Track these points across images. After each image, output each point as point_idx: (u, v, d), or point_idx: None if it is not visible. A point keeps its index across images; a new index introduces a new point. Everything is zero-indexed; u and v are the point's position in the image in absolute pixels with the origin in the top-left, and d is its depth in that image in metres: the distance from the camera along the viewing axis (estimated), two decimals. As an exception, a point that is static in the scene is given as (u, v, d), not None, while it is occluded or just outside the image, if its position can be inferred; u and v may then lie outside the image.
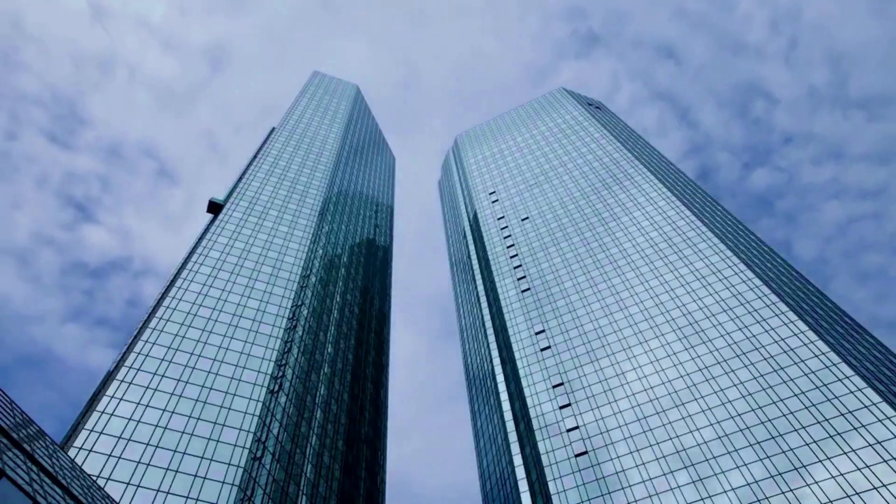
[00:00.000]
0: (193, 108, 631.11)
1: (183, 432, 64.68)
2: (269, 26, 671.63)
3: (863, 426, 63.76)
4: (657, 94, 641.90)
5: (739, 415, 71.34)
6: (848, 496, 58.55)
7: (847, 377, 69.19)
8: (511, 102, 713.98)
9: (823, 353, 73.22)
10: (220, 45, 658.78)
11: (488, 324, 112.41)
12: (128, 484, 56.96)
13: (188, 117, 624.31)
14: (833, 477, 60.73)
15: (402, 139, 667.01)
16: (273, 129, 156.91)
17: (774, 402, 70.60)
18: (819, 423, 66.22)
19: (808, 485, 61.17)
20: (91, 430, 60.76)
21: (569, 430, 79.98)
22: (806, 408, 68.35)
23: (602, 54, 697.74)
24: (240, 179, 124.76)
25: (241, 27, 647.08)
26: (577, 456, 76.19)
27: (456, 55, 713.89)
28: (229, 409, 69.82)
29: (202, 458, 62.72)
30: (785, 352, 75.86)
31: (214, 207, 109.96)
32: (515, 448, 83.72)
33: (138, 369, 70.02)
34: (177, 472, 60.27)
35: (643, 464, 71.52)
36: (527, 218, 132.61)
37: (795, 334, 77.36)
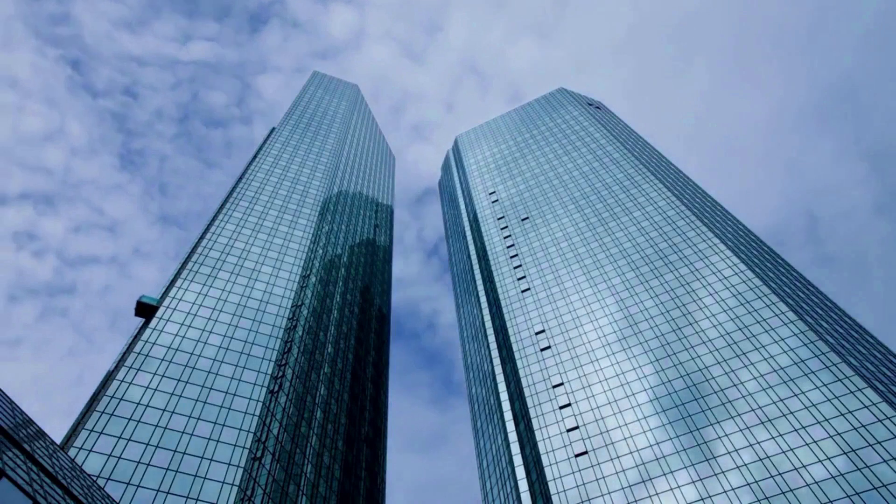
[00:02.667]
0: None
1: (183, 432, 64.69)
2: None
3: (863, 426, 63.76)
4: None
5: (740, 415, 71.34)
6: (848, 496, 58.56)
7: (847, 377, 69.19)
8: (511, 102, 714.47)
9: (823, 353, 73.22)
10: None
11: (488, 324, 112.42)
12: (128, 484, 56.97)
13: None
14: (833, 477, 60.74)
15: (402, 139, 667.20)
16: (273, 129, 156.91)
17: (774, 403, 70.60)
18: (819, 423, 66.22)
19: (808, 485, 61.18)
20: (91, 430, 60.77)
21: (569, 430, 79.99)
22: (806, 408, 68.35)
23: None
24: (240, 179, 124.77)
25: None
26: (577, 456, 76.20)
27: (457, 55, 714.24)
28: (229, 409, 69.83)
29: (202, 458, 62.73)
30: (785, 352, 75.85)
31: (144, 309, 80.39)
32: (515, 448, 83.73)
33: (138, 369, 70.03)
34: (177, 472, 60.27)
35: (643, 464, 71.53)
36: (527, 218, 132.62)
37: (795, 334, 77.36)
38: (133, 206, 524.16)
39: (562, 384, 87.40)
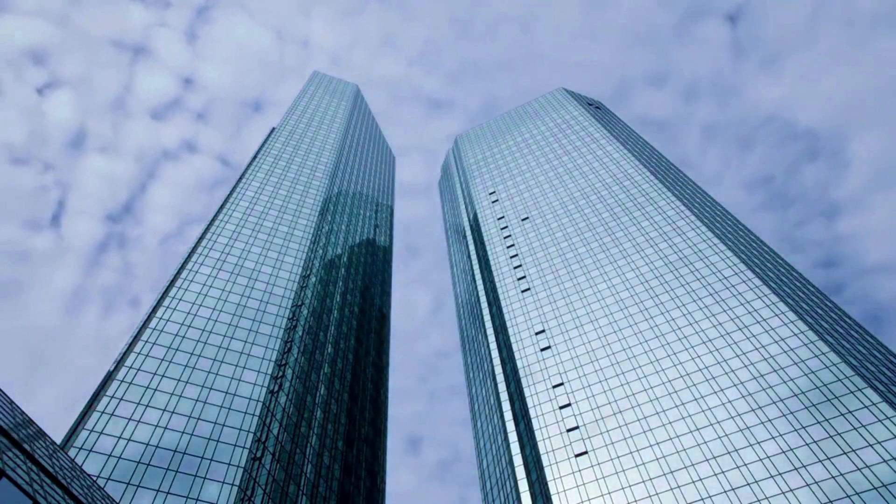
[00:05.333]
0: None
1: (183, 432, 64.69)
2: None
3: (863, 426, 63.76)
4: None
5: (739, 415, 71.34)
6: (848, 496, 58.55)
7: (847, 377, 69.19)
8: (512, 102, 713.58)
9: (823, 353, 73.22)
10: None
11: (488, 324, 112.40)
12: (128, 484, 56.96)
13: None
14: (833, 477, 60.74)
15: (402, 139, 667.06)
16: (273, 129, 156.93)
17: (774, 403, 70.61)
18: (819, 423, 66.21)
19: (808, 485, 61.18)
20: (91, 430, 60.76)
21: (569, 431, 79.99)
22: (806, 408, 68.35)
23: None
24: (240, 179, 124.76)
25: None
26: (577, 456, 76.20)
27: (456, 55, 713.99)
28: (229, 409, 69.83)
29: (202, 458, 62.72)
30: (785, 352, 75.85)
31: None
32: (515, 448, 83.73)
33: (138, 369, 70.02)
34: (177, 472, 60.26)
35: (643, 464, 71.53)
36: (527, 218, 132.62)
37: (795, 334, 77.37)
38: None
39: (562, 384, 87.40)
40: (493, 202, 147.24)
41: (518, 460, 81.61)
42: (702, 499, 64.96)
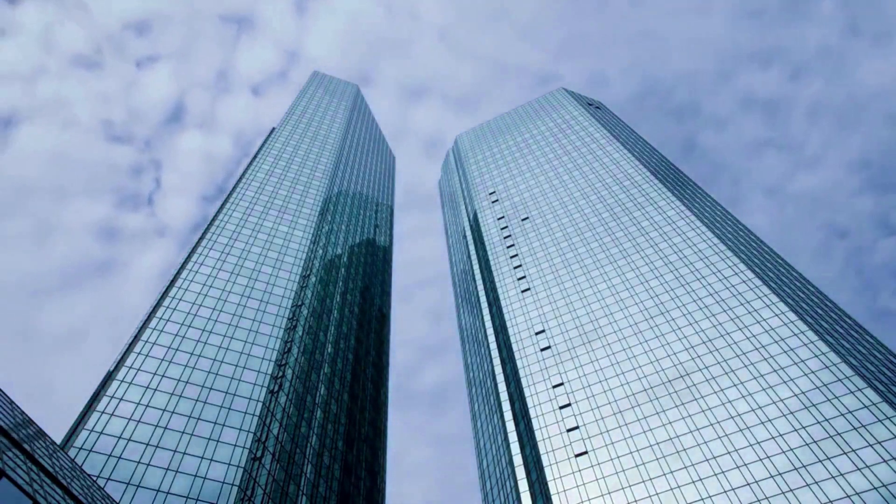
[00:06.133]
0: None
1: (183, 432, 64.69)
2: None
3: (863, 426, 63.76)
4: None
5: (739, 415, 71.34)
6: (848, 496, 58.55)
7: (847, 377, 69.19)
8: (512, 102, 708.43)
9: (823, 353, 73.23)
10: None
11: (488, 324, 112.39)
12: (128, 484, 56.96)
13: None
14: (833, 477, 60.74)
15: (402, 139, 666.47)
16: (273, 129, 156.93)
17: (774, 403, 70.60)
18: (819, 423, 66.21)
19: (807, 485, 61.17)
20: (91, 430, 60.76)
21: (569, 431, 79.98)
22: (806, 408, 68.34)
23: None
24: (240, 179, 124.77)
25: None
26: (577, 456, 76.20)
27: (456, 56, 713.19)
28: (229, 409, 69.83)
29: (202, 458, 62.72)
30: (785, 352, 75.85)
31: None
32: (515, 448, 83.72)
33: (138, 369, 70.03)
34: (177, 472, 60.27)
35: (643, 464, 71.52)
36: (527, 218, 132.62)
37: (795, 334, 77.36)
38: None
39: (562, 384, 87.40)
40: (493, 202, 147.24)
41: (518, 460, 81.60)
42: (702, 499, 64.96)
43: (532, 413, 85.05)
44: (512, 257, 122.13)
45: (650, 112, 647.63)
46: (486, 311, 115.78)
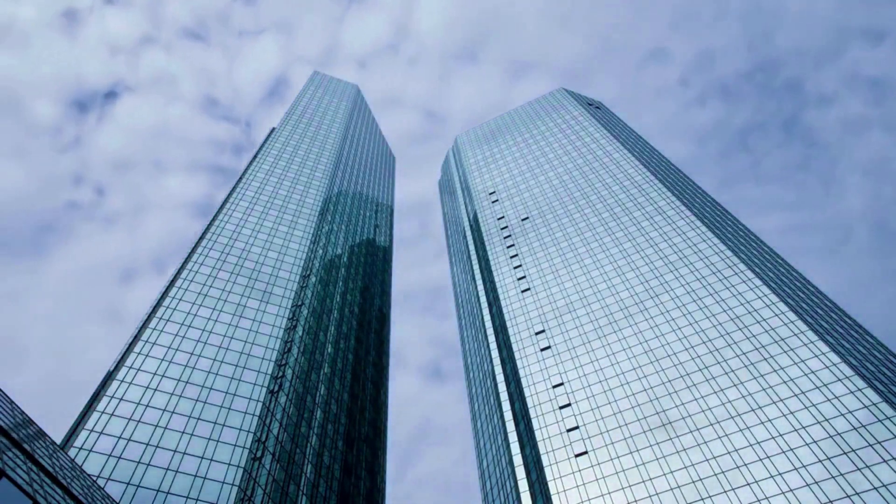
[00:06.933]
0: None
1: (183, 432, 64.69)
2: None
3: (862, 426, 63.77)
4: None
5: (739, 415, 71.34)
6: (848, 496, 58.55)
7: (847, 377, 69.20)
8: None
9: (823, 353, 73.23)
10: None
11: (488, 324, 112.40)
12: (128, 484, 56.96)
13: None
14: (833, 477, 60.75)
15: (401, 139, 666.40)
16: (273, 129, 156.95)
17: (774, 403, 70.61)
18: (819, 423, 66.22)
19: (808, 485, 61.19)
20: (91, 430, 60.77)
21: (569, 430, 79.98)
22: (806, 408, 68.35)
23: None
24: (240, 179, 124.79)
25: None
26: (577, 456, 76.20)
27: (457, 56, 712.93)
28: (229, 409, 69.83)
29: (202, 458, 62.73)
30: (785, 352, 75.87)
31: None
32: (515, 448, 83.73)
33: (138, 369, 70.03)
34: (177, 472, 60.27)
35: (643, 464, 71.52)
36: (527, 218, 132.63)
37: (795, 334, 77.37)
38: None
39: (562, 384, 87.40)
40: (493, 202, 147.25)
41: (518, 460, 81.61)
42: (701, 499, 64.96)
43: (532, 413, 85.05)
44: (512, 257, 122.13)
45: (758, 88, 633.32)
46: (486, 311, 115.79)
